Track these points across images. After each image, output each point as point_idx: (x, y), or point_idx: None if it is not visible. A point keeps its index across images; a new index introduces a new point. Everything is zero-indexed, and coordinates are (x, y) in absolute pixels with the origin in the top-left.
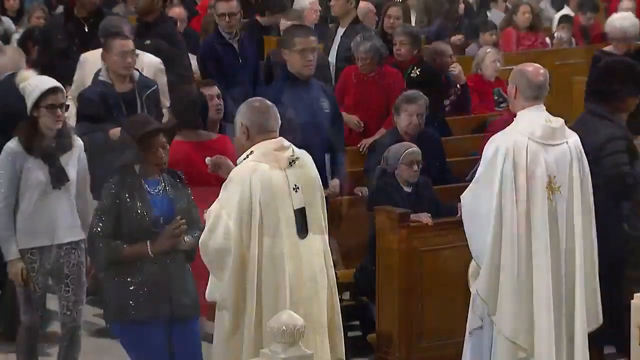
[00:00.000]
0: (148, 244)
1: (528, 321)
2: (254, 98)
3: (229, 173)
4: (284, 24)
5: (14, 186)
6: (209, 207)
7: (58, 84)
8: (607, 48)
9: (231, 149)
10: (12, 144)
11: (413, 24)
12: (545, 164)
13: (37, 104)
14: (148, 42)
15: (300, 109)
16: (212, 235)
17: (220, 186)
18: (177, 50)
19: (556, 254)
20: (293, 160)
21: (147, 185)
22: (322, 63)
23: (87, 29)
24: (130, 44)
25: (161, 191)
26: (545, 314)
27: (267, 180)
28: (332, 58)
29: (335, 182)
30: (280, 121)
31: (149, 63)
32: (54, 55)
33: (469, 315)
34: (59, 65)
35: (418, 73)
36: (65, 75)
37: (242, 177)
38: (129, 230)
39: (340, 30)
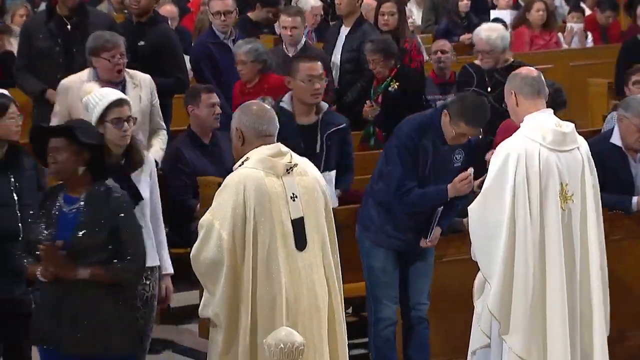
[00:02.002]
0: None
1: (541, 338)
2: (250, 102)
3: None
4: (285, 20)
5: None
6: None
7: (124, 96)
8: (476, 61)
9: None
10: None
11: (419, 22)
12: (557, 171)
13: (101, 119)
14: (142, 43)
15: (432, 158)
16: (204, 246)
17: None
18: (173, 52)
19: (570, 266)
20: (291, 167)
21: (64, 201)
22: (323, 62)
23: (70, 27)
24: (319, 67)
25: (74, 210)
26: (560, 330)
27: (262, 188)
28: (336, 59)
29: (436, 233)
30: (278, 125)
31: (143, 79)
32: (35, 55)
33: (472, 333)
34: (40, 65)
35: (397, 87)
36: (46, 76)
37: (236, 185)
38: (34, 247)
39: (345, 30)
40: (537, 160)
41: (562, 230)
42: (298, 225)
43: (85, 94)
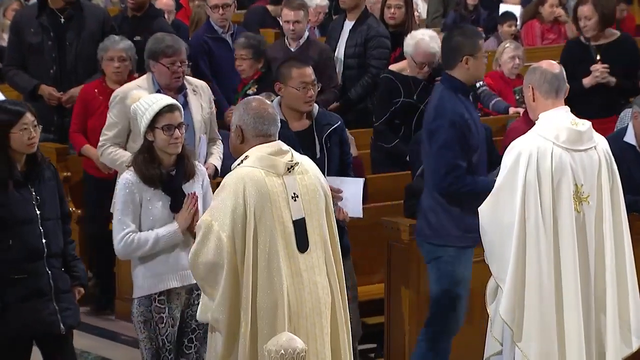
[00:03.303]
0: None
1: (557, 345)
2: (253, 97)
3: None
4: (287, 14)
5: (137, 217)
6: None
7: (174, 101)
8: (397, 67)
9: None
10: (128, 175)
11: (425, 15)
12: (571, 171)
13: (151, 126)
14: (138, 38)
15: (474, 124)
16: (203, 249)
17: None
18: None
19: (585, 271)
20: (292, 166)
21: None
22: (326, 57)
23: (63, 21)
24: (311, 72)
25: None
26: (575, 337)
27: (262, 188)
28: (339, 54)
29: None
30: (280, 124)
31: (201, 86)
32: (26, 50)
33: (486, 340)
34: (32, 60)
35: (255, 91)
36: (38, 71)
37: (235, 185)
38: None
39: (349, 24)
40: (549, 159)
41: (577, 233)
42: (300, 226)
43: (133, 101)
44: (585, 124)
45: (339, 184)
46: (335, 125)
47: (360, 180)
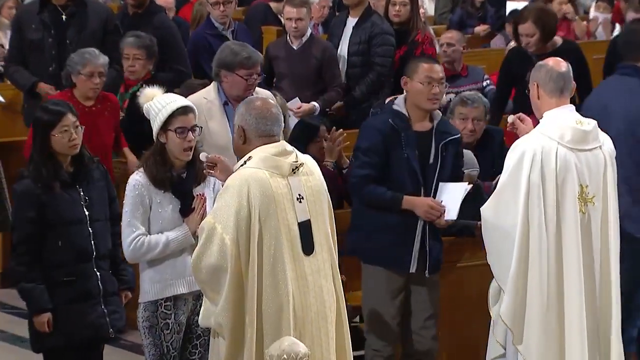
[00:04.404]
0: None
1: (558, 350)
2: (255, 97)
3: (224, 175)
4: (289, 11)
5: (146, 220)
6: None
7: (189, 103)
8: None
9: None
10: (138, 176)
11: (433, 11)
12: (576, 172)
13: (164, 128)
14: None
15: None
16: (206, 252)
17: None
18: (173, 44)
19: (589, 273)
20: (296, 167)
21: None
22: (329, 55)
23: (65, 18)
24: (440, 70)
25: None
26: (578, 341)
27: (267, 190)
28: (342, 52)
29: None
30: (283, 124)
31: (267, 96)
32: (26, 47)
33: (489, 343)
34: (32, 57)
35: None
36: (38, 69)
37: (239, 186)
38: None
39: (352, 21)
40: (553, 159)
41: (581, 234)
42: (305, 228)
43: (145, 100)
44: (591, 123)
45: (442, 188)
46: (455, 137)
47: (464, 185)
